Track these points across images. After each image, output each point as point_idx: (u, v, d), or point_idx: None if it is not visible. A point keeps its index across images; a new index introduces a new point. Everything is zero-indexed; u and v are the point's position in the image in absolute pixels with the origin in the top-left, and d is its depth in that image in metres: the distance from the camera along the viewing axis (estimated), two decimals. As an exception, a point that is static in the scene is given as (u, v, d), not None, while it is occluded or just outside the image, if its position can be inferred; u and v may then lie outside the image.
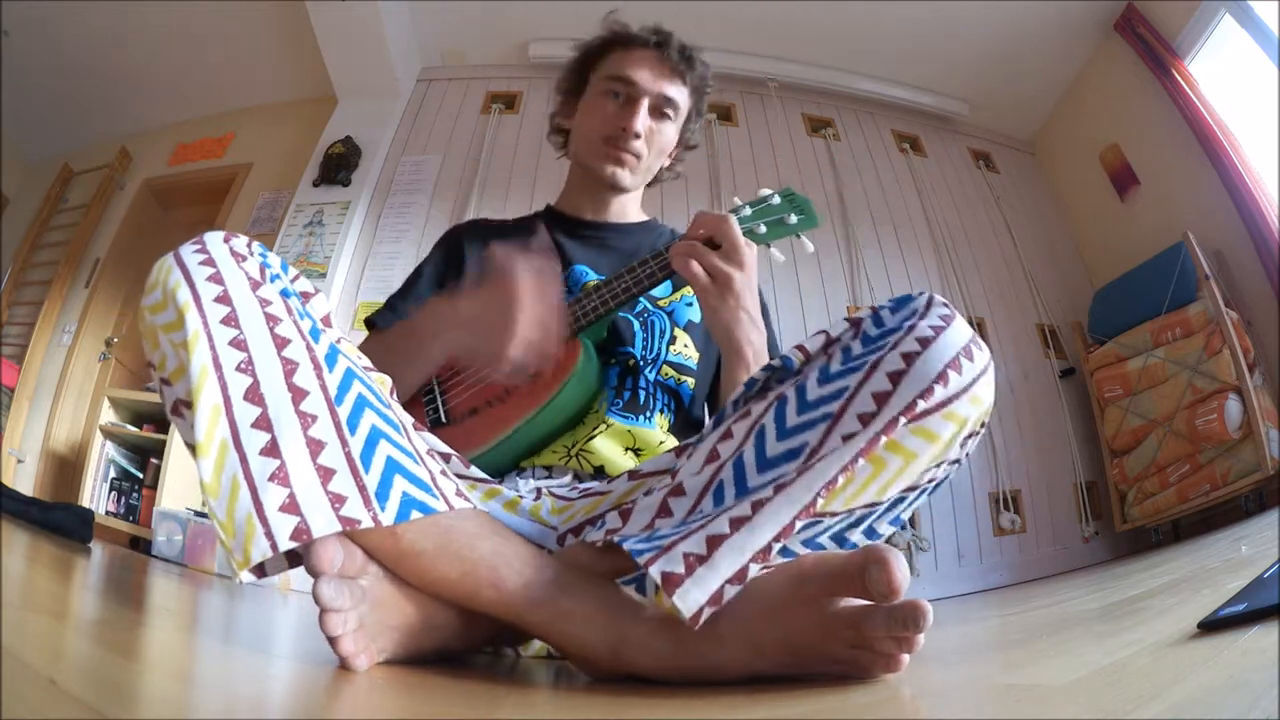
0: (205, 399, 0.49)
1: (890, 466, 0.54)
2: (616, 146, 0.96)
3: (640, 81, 0.95)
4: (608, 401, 0.86)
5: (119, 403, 2.73)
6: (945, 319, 0.53)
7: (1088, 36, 2.95)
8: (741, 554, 0.47)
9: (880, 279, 2.89)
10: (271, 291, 0.56)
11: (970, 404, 0.52)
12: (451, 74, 3.23)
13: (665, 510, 0.55)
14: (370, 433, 0.53)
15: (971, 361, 0.52)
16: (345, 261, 2.73)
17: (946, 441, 0.53)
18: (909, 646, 0.46)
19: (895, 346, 0.52)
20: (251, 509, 0.47)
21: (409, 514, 0.50)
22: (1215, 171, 2.45)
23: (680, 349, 0.93)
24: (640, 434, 0.85)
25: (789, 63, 3.17)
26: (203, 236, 0.58)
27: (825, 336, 0.60)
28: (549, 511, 0.66)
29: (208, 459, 0.48)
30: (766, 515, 0.48)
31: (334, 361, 0.55)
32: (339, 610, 0.47)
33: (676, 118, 0.99)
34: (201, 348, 0.51)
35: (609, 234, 1.03)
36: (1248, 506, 2.09)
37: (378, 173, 2.94)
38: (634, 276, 0.83)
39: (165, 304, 0.54)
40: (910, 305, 0.56)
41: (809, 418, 0.53)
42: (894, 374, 0.51)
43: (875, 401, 0.51)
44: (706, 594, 0.45)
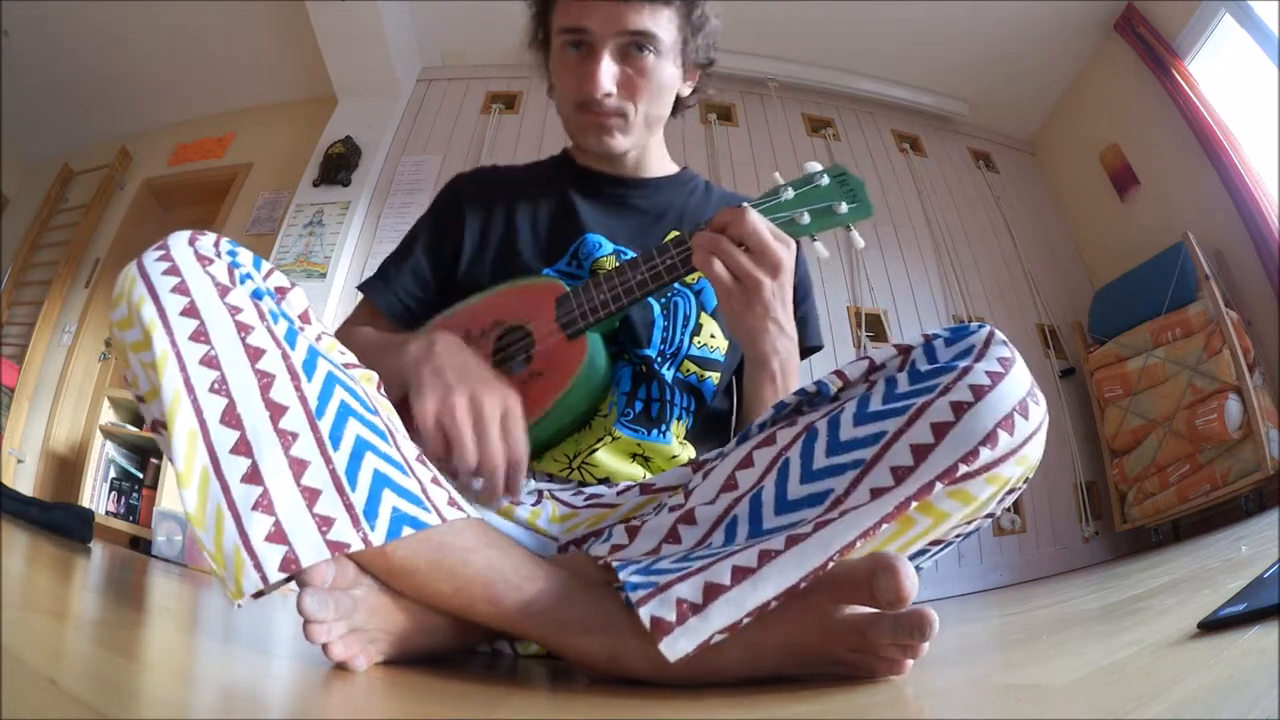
0: (181, 425, 0.47)
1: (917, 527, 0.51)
2: (591, 112, 0.81)
3: (593, 26, 0.78)
4: (617, 409, 0.77)
5: (119, 403, 2.73)
6: (1004, 364, 0.49)
7: (1088, 36, 2.95)
8: (738, 609, 0.44)
9: (880, 279, 2.88)
10: (242, 296, 0.52)
11: (1016, 465, 0.49)
12: (451, 74, 3.23)
13: (673, 536, 0.53)
14: (355, 445, 0.50)
15: (1026, 419, 0.48)
16: (345, 261, 2.73)
17: (983, 502, 0.50)
18: (914, 653, 0.45)
19: (945, 392, 0.48)
20: (238, 540, 0.45)
21: (400, 531, 0.48)
22: (1215, 171, 2.45)
23: (705, 340, 0.81)
24: (651, 448, 0.77)
25: (789, 63, 3.17)
26: (167, 240, 0.54)
27: (869, 363, 0.55)
28: (549, 519, 0.64)
29: (190, 489, 0.46)
30: (772, 572, 0.45)
31: (313, 368, 0.52)
32: (321, 622, 0.46)
33: (660, 48, 0.79)
34: (171, 370, 0.48)
35: (630, 191, 0.89)
36: (1248, 506, 2.08)
37: (378, 173, 2.93)
38: (651, 268, 0.71)
39: (131, 321, 0.51)
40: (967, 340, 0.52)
41: (838, 461, 0.49)
42: (939, 426, 0.47)
43: (913, 456, 0.47)
44: (694, 644, 0.44)
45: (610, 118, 0.81)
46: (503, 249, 0.85)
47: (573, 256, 0.83)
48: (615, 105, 0.80)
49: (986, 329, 0.52)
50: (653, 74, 0.80)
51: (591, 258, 0.82)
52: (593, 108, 0.80)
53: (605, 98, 0.79)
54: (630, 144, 0.84)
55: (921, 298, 2.90)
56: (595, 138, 0.83)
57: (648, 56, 0.79)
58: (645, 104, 0.82)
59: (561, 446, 0.76)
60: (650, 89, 0.81)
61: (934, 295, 2.91)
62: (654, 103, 0.83)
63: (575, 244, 0.83)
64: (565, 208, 0.86)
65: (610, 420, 0.76)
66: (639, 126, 0.84)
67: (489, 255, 0.85)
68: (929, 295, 2.91)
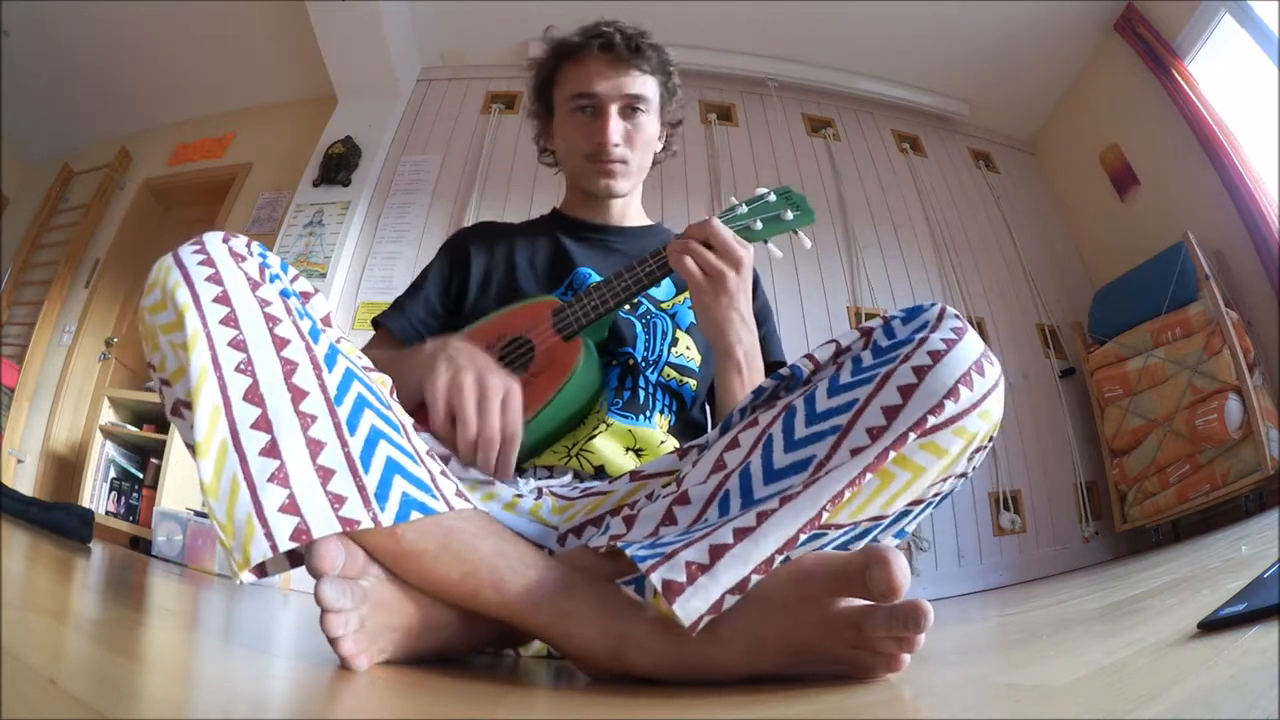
0: (205, 399, 0.49)
1: (897, 480, 0.54)
2: (601, 160, 0.97)
3: (600, 91, 0.95)
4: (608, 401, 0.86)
5: (119, 403, 2.73)
6: (957, 332, 0.53)
7: (1088, 36, 2.95)
8: (744, 564, 0.47)
9: (880, 279, 2.89)
10: (271, 292, 0.56)
11: (980, 419, 0.52)
12: (451, 74, 3.23)
13: (670, 518, 0.55)
14: (370, 433, 0.52)
15: (983, 376, 0.52)
16: (345, 261, 2.73)
17: (954, 456, 0.53)
18: (910, 646, 0.46)
19: (906, 359, 0.52)
20: (251, 509, 0.47)
21: (409, 514, 0.50)
22: (1215, 171, 2.45)
23: (682, 350, 0.93)
24: (641, 434, 0.84)
25: (789, 63, 3.17)
26: (202, 237, 0.57)
27: (835, 345, 0.59)
28: (549, 511, 0.66)
29: (207, 460, 0.48)
30: (771, 526, 0.48)
31: (333, 362, 0.55)
32: (341, 611, 0.47)
33: (649, 109, 0.98)
34: (201, 348, 0.50)
35: (612, 237, 1.03)
36: (1248, 506, 2.09)
37: (378, 173, 2.94)
38: (633, 275, 0.83)
39: (164, 304, 0.53)
40: (922, 316, 0.56)
41: (817, 429, 0.53)
42: (904, 388, 0.51)
43: (885, 416, 0.50)
44: (707, 603, 0.46)
45: (616, 164, 0.98)
46: (505, 282, 0.97)
47: (568, 287, 0.95)
48: (620, 154, 0.97)
49: (939, 305, 0.57)
50: (645, 128, 0.99)
51: (584, 284, 0.93)
52: (602, 157, 0.97)
53: (614, 147, 0.96)
54: (629, 187, 1.01)
55: (921, 298, 2.89)
56: (604, 181, 0.98)
57: (641, 115, 0.98)
58: (640, 153, 1.00)
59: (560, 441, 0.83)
60: (644, 141, 0.99)
61: (934, 295, 2.91)
62: (645, 152, 1.01)
63: (569, 276, 0.96)
64: (558, 249, 1.00)
65: (603, 412, 0.85)
66: (635, 172, 1.01)
67: (493, 289, 0.97)
68: (929, 295, 2.90)
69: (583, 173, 1.00)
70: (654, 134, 1.01)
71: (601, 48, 0.96)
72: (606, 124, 0.95)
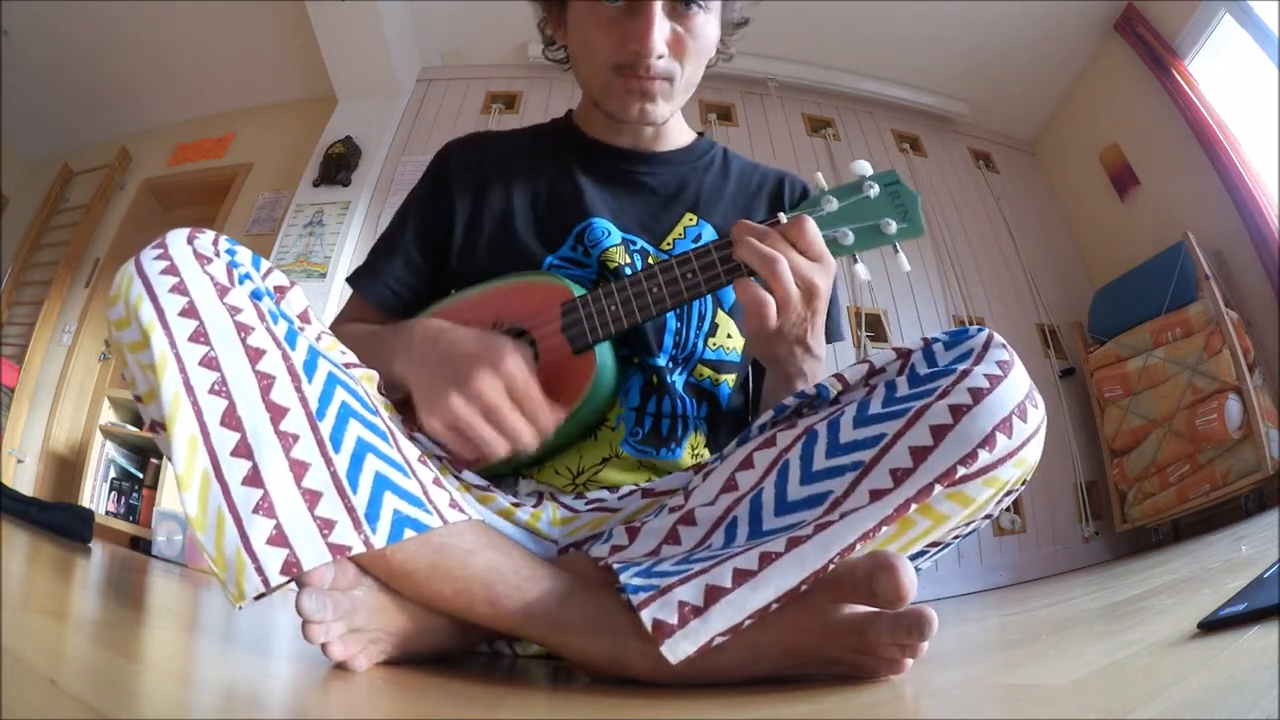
0: (181, 428, 0.46)
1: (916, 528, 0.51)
2: (636, 77, 0.71)
3: None
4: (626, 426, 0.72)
5: (119, 403, 2.73)
6: (1003, 367, 0.49)
7: (1088, 36, 2.95)
8: (739, 612, 0.45)
9: (880, 279, 2.88)
10: (241, 296, 0.52)
11: (1014, 467, 0.49)
12: (451, 74, 3.23)
13: (673, 537, 0.53)
14: (356, 447, 0.50)
15: (1024, 422, 0.48)
16: (345, 261, 2.73)
17: (981, 504, 0.50)
18: (913, 653, 0.45)
19: (944, 395, 0.48)
20: (239, 544, 0.45)
21: (401, 533, 0.48)
22: (1215, 171, 2.44)
23: (721, 341, 0.76)
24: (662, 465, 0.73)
25: (789, 63, 3.17)
26: (165, 238, 0.53)
27: (868, 366, 0.55)
28: (550, 522, 0.64)
29: (190, 492, 0.46)
30: (773, 574, 0.45)
31: (313, 368, 0.51)
32: (321, 622, 0.46)
33: (708, 4, 0.72)
34: (171, 372, 0.47)
35: (641, 167, 0.81)
36: (1248, 506, 2.08)
37: (378, 173, 2.93)
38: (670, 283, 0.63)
39: (129, 320, 0.50)
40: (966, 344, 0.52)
41: (837, 463, 0.49)
42: (938, 429, 0.47)
43: (912, 458, 0.47)
44: (695, 646, 0.44)
45: (657, 82, 0.72)
46: (498, 233, 0.78)
47: (577, 240, 0.76)
48: (664, 68, 0.71)
49: (985, 333, 0.52)
50: (701, 33, 0.72)
51: (600, 246, 0.75)
52: (639, 70, 0.71)
53: (657, 60, 0.70)
54: (670, 111, 0.76)
55: (921, 298, 2.89)
56: (638, 105, 0.73)
57: (697, 14, 0.71)
58: (691, 66, 0.74)
59: (564, 459, 0.72)
60: (698, 51, 0.73)
61: (934, 295, 2.91)
62: (698, 65, 0.75)
63: (580, 227, 0.76)
64: (569, 187, 0.79)
65: (618, 437, 0.72)
66: (680, 93, 0.76)
67: (483, 241, 0.78)
68: (929, 295, 2.90)
69: (607, 91, 0.74)
70: (712, 40, 0.75)
71: None
72: (649, 27, 0.68)
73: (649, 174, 0.81)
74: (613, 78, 0.73)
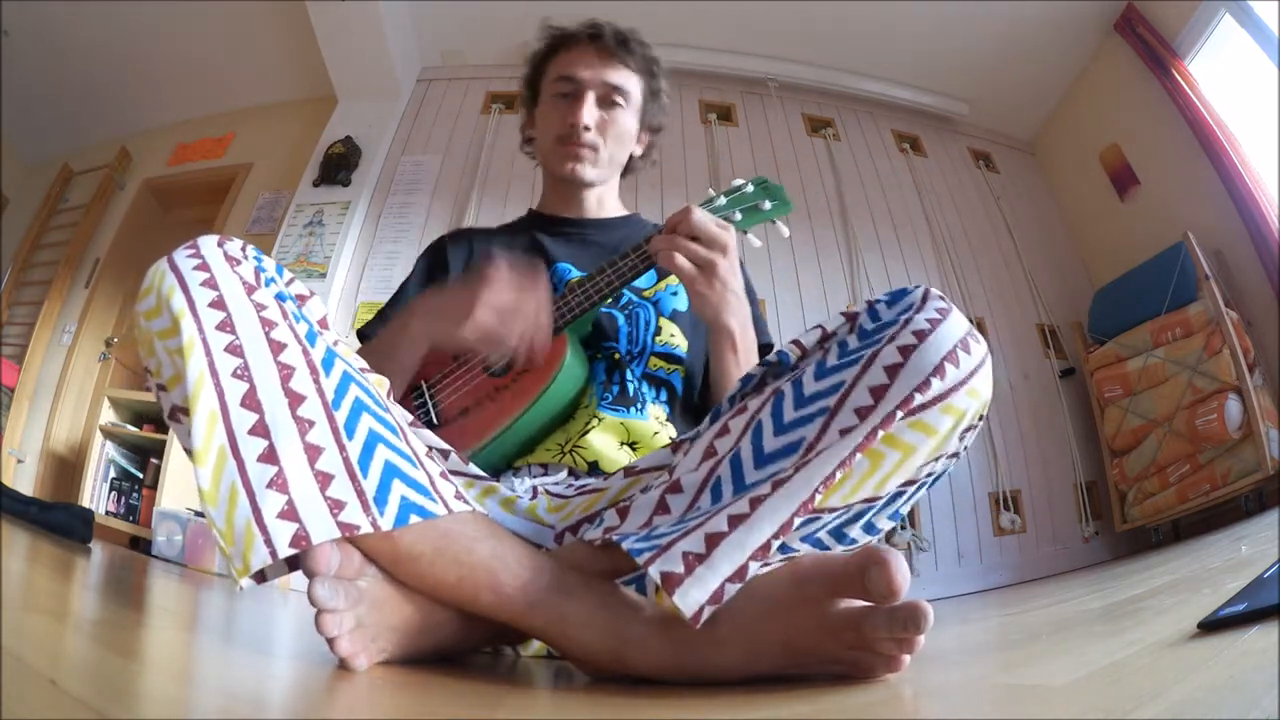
0: (202, 406, 0.49)
1: (888, 460, 0.54)
2: (570, 143, 0.98)
3: (580, 76, 0.97)
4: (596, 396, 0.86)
5: (119, 403, 2.73)
6: (941, 312, 0.53)
7: (1088, 36, 2.95)
8: (741, 551, 0.46)
9: (880, 279, 2.88)
10: (266, 295, 0.56)
11: (968, 396, 0.52)
12: (451, 74, 3.23)
13: (663, 507, 0.55)
14: (368, 436, 0.52)
15: (969, 354, 0.52)
16: (345, 261, 2.73)
17: (944, 435, 0.53)
18: (909, 648, 0.46)
19: (892, 340, 0.52)
20: (250, 516, 0.46)
21: (408, 518, 0.50)
22: (1215, 171, 2.45)
23: (667, 339, 0.93)
24: (634, 426, 0.84)
25: (789, 63, 3.17)
26: (197, 241, 0.57)
27: (821, 331, 0.60)
28: (545, 510, 0.66)
29: (205, 467, 0.48)
30: (765, 512, 0.48)
31: (330, 365, 0.55)
32: (334, 611, 0.47)
33: (628, 104, 1.00)
34: (197, 354, 0.50)
35: (589, 230, 1.04)
36: (1248, 506, 2.09)
37: (378, 173, 2.94)
38: (616, 270, 0.84)
39: (160, 310, 0.53)
40: (906, 299, 0.56)
41: (806, 412, 0.53)
42: (890, 368, 0.51)
43: (872, 395, 0.51)
44: (707, 593, 0.45)
45: (585, 149, 0.98)
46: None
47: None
48: (591, 139, 0.98)
49: (923, 288, 0.57)
50: (621, 121, 1.00)
51: (564, 280, 0.94)
52: (573, 139, 0.98)
53: (585, 131, 0.97)
54: (596, 176, 1.01)
55: (921, 298, 2.89)
56: (572, 164, 0.99)
57: (619, 107, 0.99)
58: (613, 144, 1.00)
59: (553, 437, 0.84)
60: (618, 132, 1.00)
61: (934, 295, 2.91)
62: (619, 146, 1.01)
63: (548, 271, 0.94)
64: (535, 246, 1.01)
65: (593, 407, 0.85)
66: (605, 162, 1.01)
67: None
68: (929, 295, 2.90)
69: (552, 155, 1.01)
70: (630, 130, 1.02)
71: (590, 37, 0.99)
72: (581, 105, 0.97)
73: (595, 234, 1.04)
74: (555, 146, 1.00)
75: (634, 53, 1.00)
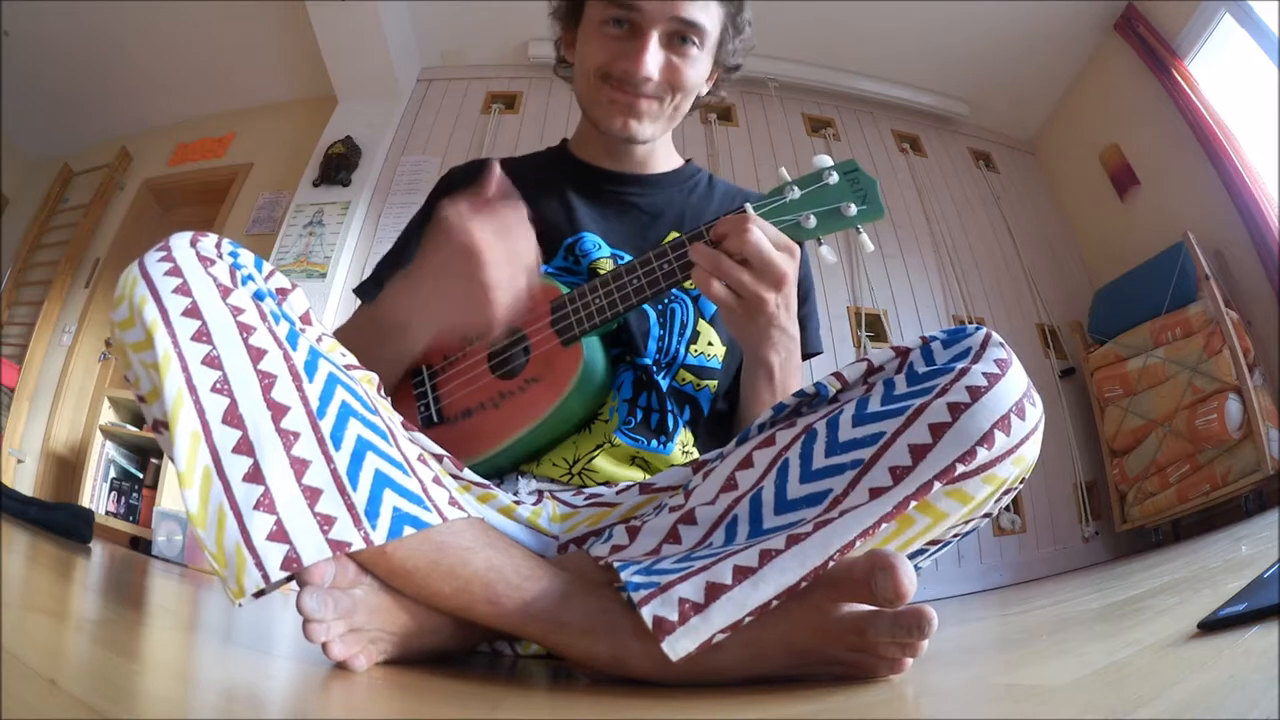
0: (183, 426, 0.47)
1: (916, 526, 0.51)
2: (624, 92, 0.78)
3: (645, 7, 0.75)
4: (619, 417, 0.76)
5: (119, 403, 2.73)
6: (1001, 365, 0.49)
7: (1088, 36, 2.95)
8: (740, 609, 0.45)
9: (880, 279, 2.88)
10: (244, 297, 0.53)
11: (1012, 465, 0.49)
12: (451, 74, 3.23)
13: (674, 536, 0.53)
14: (356, 445, 0.50)
15: (1023, 420, 0.48)
16: (345, 261, 2.73)
17: (980, 502, 0.51)
18: (913, 652, 0.45)
19: (942, 394, 0.48)
20: (239, 539, 0.45)
21: (401, 530, 0.48)
22: (1215, 171, 2.45)
23: (703, 348, 0.81)
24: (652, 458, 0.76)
25: (789, 63, 3.17)
26: (168, 241, 0.54)
27: (866, 365, 0.56)
28: (550, 518, 0.64)
29: (191, 489, 0.46)
30: (773, 571, 0.45)
31: (314, 368, 0.52)
32: (321, 621, 0.46)
33: (704, 43, 0.78)
34: (174, 370, 0.48)
35: (630, 189, 0.86)
36: (1248, 506, 2.08)
37: (378, 173, 2.93)
38: (649, 275, 0.69)
39: (133, 321, 0.51)
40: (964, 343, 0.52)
41: (837, 461, 0.50)
42: (936, 427, 0.47)
43: (911, 456, 0.47)
44: (696, 643, 0.44)
45: (644, 100, 0.78)
46: None
47: (568, 251, 0.82)
48: (653, 91, 0.78)
49: (983, 331, 0.52)
50: (693, 67, 0.79)
51: (589, 258, 0.81)
52: (626, 87, 0.78)
53: (645, 81, 0.76)
54: (654, 133, 0.82)
55: (921, 298, 2.90)
56: (622, 119, 0.79)
57: (692, 49, 0.78)
58: (680, 96, 0.80)
59: (560, 450, 0.76)
60: (689, 82, 0.79)
61: (934, 295, 2.91)
62: (687, 96, 0.81)
63: (570, 240, 0.82)
64: (562, 206, 0.84)
65: (611, 427, 0.76)
66: (667, 116, 0.82)
67: None
68: (929, 295, 2.91)
69: (598, 103, 0.80)
70: (702, 75, 0.81)
71: None
72: (643, 50, 0.75)
73: (637, 195, 0.86)
74: (600, 84, 0.79)
75: None
